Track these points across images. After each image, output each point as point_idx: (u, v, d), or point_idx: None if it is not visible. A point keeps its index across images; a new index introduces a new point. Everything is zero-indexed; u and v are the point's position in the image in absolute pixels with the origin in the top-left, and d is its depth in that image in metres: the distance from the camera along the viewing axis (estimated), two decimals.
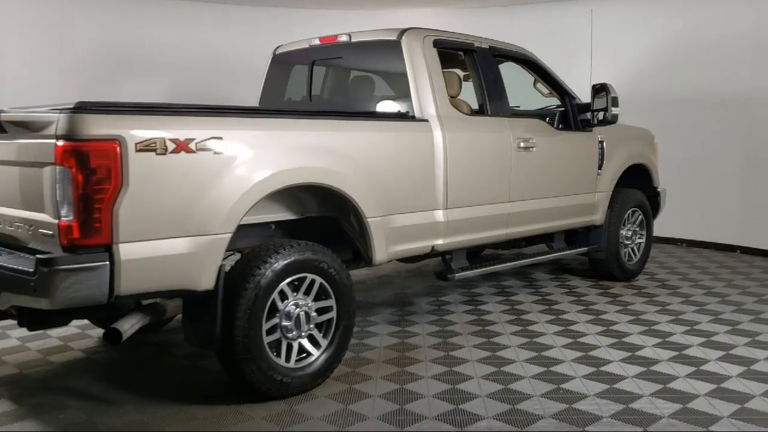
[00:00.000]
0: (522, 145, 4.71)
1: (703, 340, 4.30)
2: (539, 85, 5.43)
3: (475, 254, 6.30)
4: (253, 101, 5.19)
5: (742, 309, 5.01)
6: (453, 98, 4.62)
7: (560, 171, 5.12)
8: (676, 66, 7.60)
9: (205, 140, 3.08)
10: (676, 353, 4.06)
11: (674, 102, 7.63)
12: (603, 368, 3.80)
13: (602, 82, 5.11)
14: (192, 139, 3.03)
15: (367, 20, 7.38)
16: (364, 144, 3.80)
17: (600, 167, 5.50)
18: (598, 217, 5.56)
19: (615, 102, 5.05)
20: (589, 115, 5.20)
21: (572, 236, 5.75)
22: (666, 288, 5.68)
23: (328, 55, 4.87)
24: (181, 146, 2.99)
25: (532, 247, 5.83)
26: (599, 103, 5.10)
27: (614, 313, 4.90)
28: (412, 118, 4.17)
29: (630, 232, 5.93)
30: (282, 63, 5.12)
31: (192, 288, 3.08)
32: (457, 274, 4.49)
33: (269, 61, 5.14)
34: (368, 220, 3.75)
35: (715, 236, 7.47)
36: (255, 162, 3.25)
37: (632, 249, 5.99)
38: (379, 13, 8.38)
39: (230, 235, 3.16)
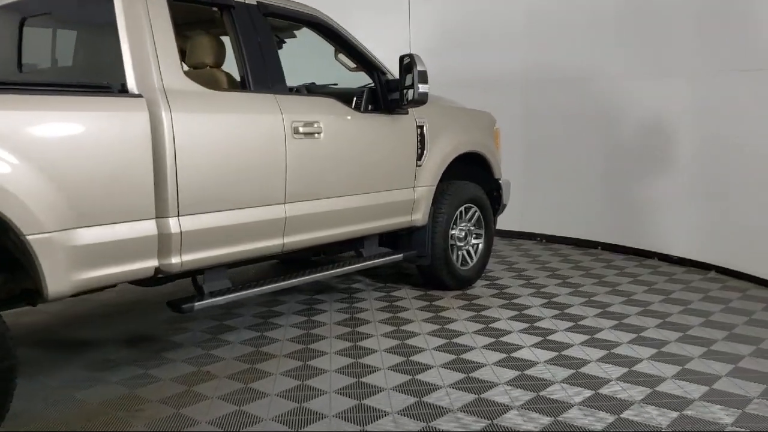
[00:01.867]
0: (301, 130, 3.71)
1: (515, 374, 3.46)
2: (342, 57, 4.45)
3: (303, 260, 5.27)
4: None
5: (579, 328, 4.23)
6: (200, 69, 3.57)
7: (362, 163, 4.16)
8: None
9: None
10: (474, 397, 3.19)
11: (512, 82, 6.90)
12: (378, 419, 2.91)
13: (410, 53, 4.17)
14: None
15: None
16: (32, 129, 2.68)
17: (420, 157, 4.59)
18: (420, 217, 4.65)
19: (423, 77, 4.11)
20: (398, 94, 4.26)
21: (395, 240, 4.86)
22: (502, 297, 4.85)
23: (39, 7, 3.71)
24: None
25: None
26: (408, 79, 4.17)
27: (426, 336, 4.01)
28: (120, 92, 3.07)
29: (463, 233, 5.08)
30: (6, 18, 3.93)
31: None
32: (198, 304, 3.40)
33: None
34: (29, 237, 2.65)
35: (576, 232, 6.79)
36: None
37: (467, 252, 5.15)
38: None
39: None
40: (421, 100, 4.16)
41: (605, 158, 6.50)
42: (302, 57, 4.95)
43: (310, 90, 4.66)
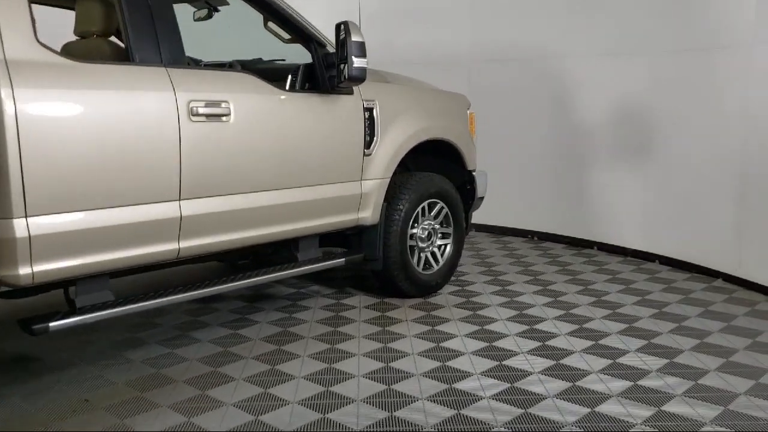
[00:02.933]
0: (201, 111, 3.07)
1: (453, 413, 2.82)
2: (274, 27, 3.79)
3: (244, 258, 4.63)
4: None
5: (546, 349, 3.56)
6: (87, 38, 2.96)
7: (290, 152, 3.50)
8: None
9: None
10: None
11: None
12: None
13: (345, 21, 3.50)
14: None
15: None
16: None
17: (369, 145, 3.93)
18: (368, 215, 4.00)
19: (360, 50, 3.45)
20: (336, 70, 3.59)
21: (346, 240, 4.23)
22: (467, 308, 4.17)
23: None
24: None
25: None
26: (344, 52, 3.50)
27: (362, 358, 3.37)
28: None
29: (426, 232, 4.42)
30: None
31: None
32: (55, 324, 2.77)
33: None
34: None
35: (574, 231, 6.08)
36: None
37: (432, 254, 4.49)
38: None
39: None
40: (357, 76, 3.49)
41: (559, 143, 6.04)
42: (257, 31, 4.33)
43: (246, 66, 4.02)
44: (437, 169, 4.68)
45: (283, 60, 4.39)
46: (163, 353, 3.48)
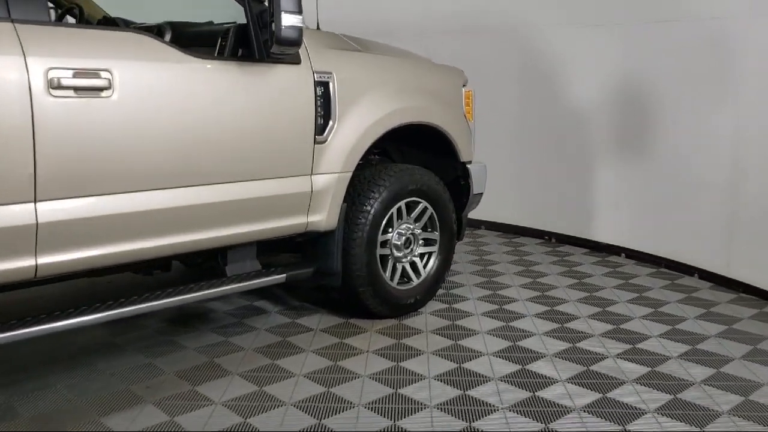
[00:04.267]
0: (67, 83, 2.28)
1: None
2: None
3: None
4: None
5: (538, 404, 2.72)
6: None
7: (200, 138, 2.69)
8: None
9: None
10: None
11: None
12: None
13: None
14: None
15: None
16: None
17: (323, 130, 3.12)
18: (322, 218, 3.18)
19: (292, 3, 2.62)
20: (269, 33, 2.77)
21: (301, 249, 3.43)
22: (448, 334, 3.32)
23: None
24: None
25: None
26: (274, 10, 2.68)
27: (293, 411, 2.59)
28: None
29: (403, 238, 3.59)
30: None
31: None
32: None
33: None
34: None
35: (585, 232, 5.18)
36: None
37: (412, 264, 3.66)
38: None
39: None
40: (288, 39, 2.64)
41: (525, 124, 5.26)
42: None
43: (176, 29, 3.22)
44: (431, 162, 3.86)
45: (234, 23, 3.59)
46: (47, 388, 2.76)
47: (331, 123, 3.12)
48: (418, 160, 3.96)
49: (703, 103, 4.25)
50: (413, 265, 3.66)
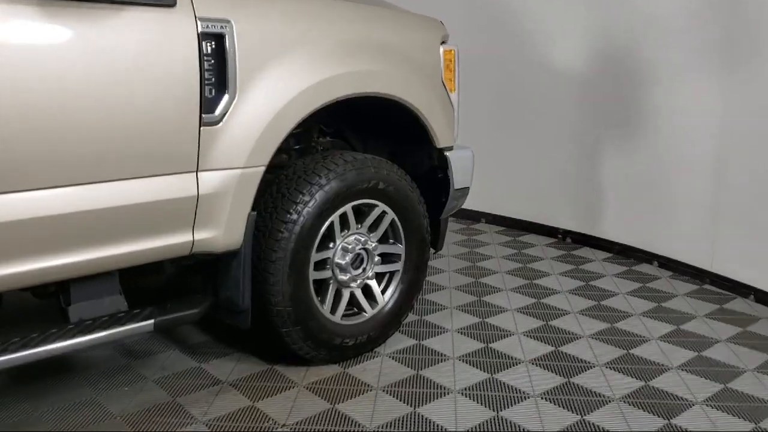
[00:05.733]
0: None
1: None
2: None
3: None
4: None
5: None
6: None
7: (12, 116, 1.74)
8: None
9: None
10: None
11: None
12: None
13: None
14: None
15: None
16: None
17: (213, 106, 2.08)
18: (216, 234, 2.17)
19: None
20: None
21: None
22: (411, 390, 2.35)
23: None
24: None
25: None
26: None
27: None
28: None
29: (351, 256, 2.61)
30: None
31: None
32: None
33: None
34: None
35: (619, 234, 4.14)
36: None
37: (365, 290, 2.68)
38: None
39: None
40: None
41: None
42: None
43: None
44: (402, 150, 2.87)
45: None
46: None
47: (227, 96, 2.11)
48: (385, 148, 2.98)
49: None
50: (367, 290, 2.69)
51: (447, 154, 2.84)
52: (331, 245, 2.53)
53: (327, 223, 2.46)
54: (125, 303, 2.16)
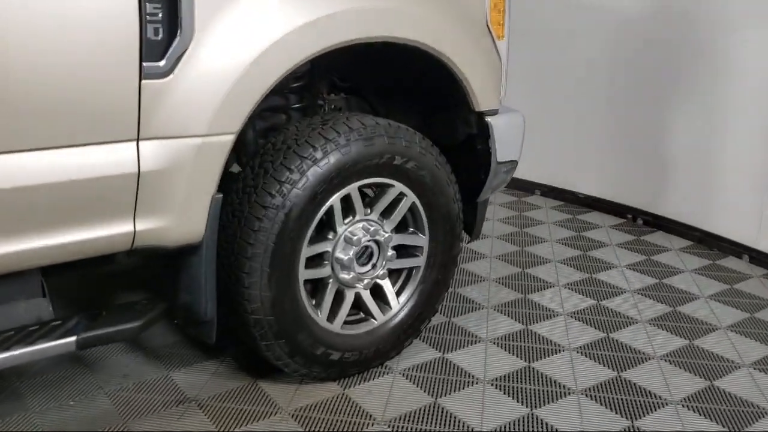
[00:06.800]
0: None
1: None
2: None
3: None
4: None
5: None
6: None
7: None
8: None
9: None
10: None
11: None
12: None
13: None
14: None
15: None
16: None
17: (161, 52, 1.51)
18: (167, 223, 1.62)
19: None
20: None
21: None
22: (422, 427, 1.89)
23: None
24: None
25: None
26: None
27: None
28: None
29: (356, 249, 2.03)
30: None
31: None
32: None
33: None
34: None
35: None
36: None
37: (375, 291, 2.12)
38: None
39: None
40: None
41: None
42: None
43: None
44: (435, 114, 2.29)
45: None
46: None
47: (179, 38, 1.54)
48: (415, 113, 2.38)
49: None
50: (377, 291, 2.14)
51: (489, 119, 2.22)
52: (330, 236, 1.98)
53: (324, 209, 1.90)
54: (50, 308, 1.66)
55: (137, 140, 1.56)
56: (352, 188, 1.94)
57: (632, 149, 3.59)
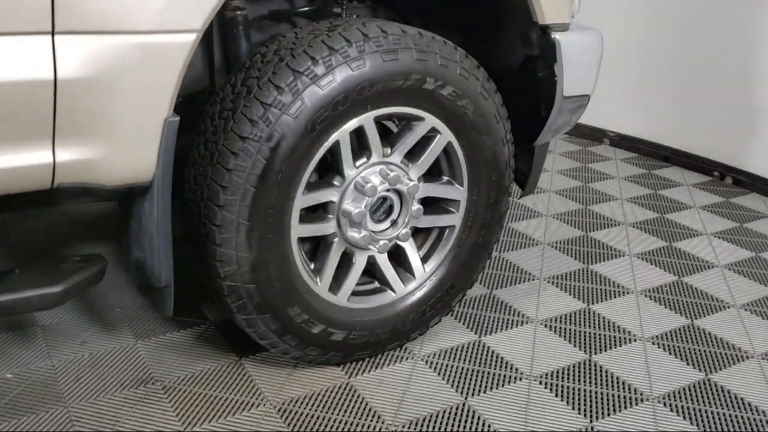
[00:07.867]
0: None
1: None
2: None
3: None
4: None
5: None
6: None
7: None
8: None
9: None
10: None
11: None
12: None
13: None
14: None
15: None
16: None
17: None
18: (104, 155, 1.18)
19: None
20: None
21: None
22: None
23: None
24: None
25: None
26: None
27: None
28: None
29: (369, 200, 1.54)
30: None
31: None
32: None
33: None
34: None
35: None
36: None
37: (393, 254, 1.67)
38: None
39: None
40: None
41: None
42: None
43: None
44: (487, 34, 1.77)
45: None
46: None
47: None
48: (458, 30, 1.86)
49: None
50: (397, 254, 1.67)
51: (556, 36, 1.68)
52: (336, 182, 1.51)
53: (327, 145, 1.43)
54: None
55: (52, 33, 1.10)
56: (365, 119, 1.45)
57: (719, 96, 2.97)
